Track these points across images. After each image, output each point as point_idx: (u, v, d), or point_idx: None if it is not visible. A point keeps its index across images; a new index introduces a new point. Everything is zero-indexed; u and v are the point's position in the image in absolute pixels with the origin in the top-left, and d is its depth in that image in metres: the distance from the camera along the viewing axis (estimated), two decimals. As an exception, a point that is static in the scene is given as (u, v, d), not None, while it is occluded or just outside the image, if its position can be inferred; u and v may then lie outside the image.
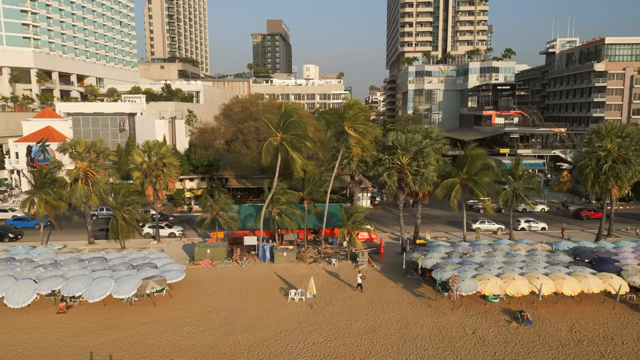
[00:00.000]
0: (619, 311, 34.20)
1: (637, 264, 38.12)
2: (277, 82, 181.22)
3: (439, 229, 59.60)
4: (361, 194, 71.02)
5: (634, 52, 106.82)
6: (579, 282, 34.46)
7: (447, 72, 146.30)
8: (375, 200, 75.37)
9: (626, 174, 45.83)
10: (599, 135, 47.88)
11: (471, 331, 31.31)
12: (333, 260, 44.37)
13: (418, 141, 44.48)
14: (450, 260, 39.46)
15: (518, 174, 49.99)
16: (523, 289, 33.94)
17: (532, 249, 42.91)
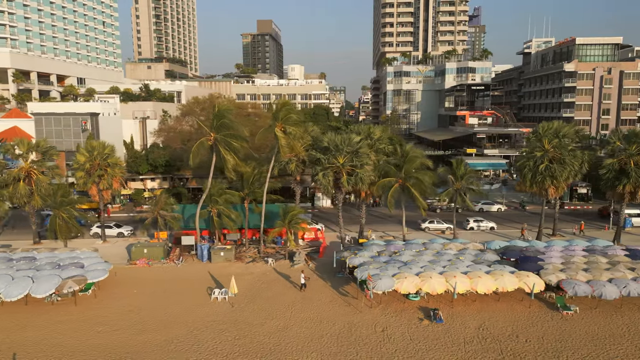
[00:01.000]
0: (534, 309, 34.65)
1: (560, 263, 38.63)
2: (259, 83, 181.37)
3: (390, 228, 59.90)
4: (321, 194, 71.39)
5: (604, 53, 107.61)
6: (495, 280, 34.92)
7: (426, 72, 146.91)
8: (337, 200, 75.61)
9: (561, 174, 46.35)
10: (536, 136, 48.39)
11: (381, 329, 31.72)
12: (270, 259, 44.73)
13: (354, 142, 44.89)
14: (378, 259, 39.85)
15: (460, 174, 50.42)
16: (438, 287, 34.37)
17: (463, 248, 43.34)
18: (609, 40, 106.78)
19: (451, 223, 58.91)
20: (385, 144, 51.21)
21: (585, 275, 35.55)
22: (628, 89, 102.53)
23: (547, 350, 28.96)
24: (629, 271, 36.18)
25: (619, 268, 36.62)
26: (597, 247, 42.83)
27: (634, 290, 33.56)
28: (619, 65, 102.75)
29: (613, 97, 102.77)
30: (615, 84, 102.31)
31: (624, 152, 47.30)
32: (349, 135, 45.84)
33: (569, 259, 39.51)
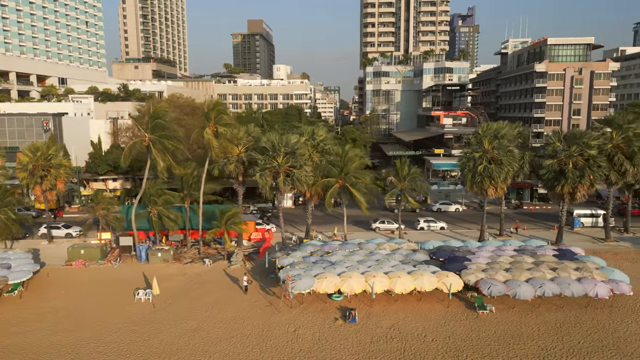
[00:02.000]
0: (453, 309, 34.89)
1: (485, 263, 38.88)
2: (241, 83, 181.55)
3: (348, 228, 59.98)
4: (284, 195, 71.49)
5: (576, 53, 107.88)
6: (414, 280, 35.16)
7: (405, 72, 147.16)
8: (299, 200, 75.89)
9: (499, 175, 46.60)
10: (476, 137, 48.62)
11: (293, 329, 31.92)
12: (207, 260, 44.88)
13: (292, 143, 45.07)
14: (308, 259, 40.03)
15: (403, 174, 50.68)
16: (357, 287, 34.59)
17: (397, 248, 43.55)
18: (580, 41, 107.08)
19: (403, 223, 59.52)
20: (331, 145, 51.36)
21: (504, 275, 35.81)
22: (599, 89, 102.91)
23: (449, 349, 29.22)
24: (550, 271, 36.46)
25: (541, 268, 36.89)
26: (528, 247, 43.13)
27: (549, 290, 33.83)
28: (589, 66, 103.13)
29: (584, 98, 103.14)
30: (586, 84, 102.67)
31: (564, 153, 47.61)
32: (287, 136, 46.00)
33: (496, 259, 39.78)
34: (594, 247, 50.50)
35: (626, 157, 49.04)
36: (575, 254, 41.44)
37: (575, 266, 37.54)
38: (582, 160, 47.43)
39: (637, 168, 49.39)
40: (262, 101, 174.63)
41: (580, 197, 48.23)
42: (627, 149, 49.04)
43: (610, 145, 49.27)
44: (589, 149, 46.75)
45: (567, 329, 31.68)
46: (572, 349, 29.09)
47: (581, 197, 48.28)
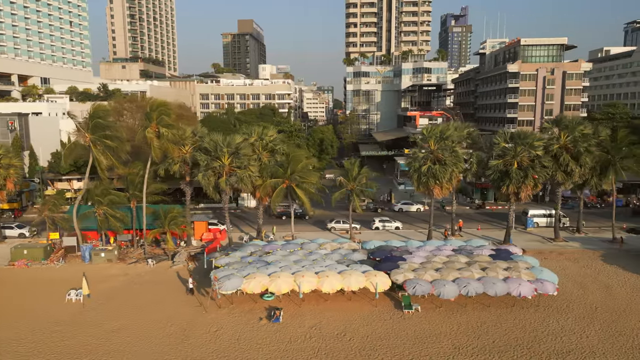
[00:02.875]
0: (380, 308, 35.12)
1: (419, 262, 39.16)
2: (224, 83, 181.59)
3: (304, 228, 60.20)
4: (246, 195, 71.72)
5: (550, 53, 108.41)
6: (343, 280, 35.39)
7: (385, 72, 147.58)
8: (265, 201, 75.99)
9: (443, 175, 46.92)
10: (423, 138, 48.92)
11: (215, 329, 32.09)
12: (150, 260, 44.98)
13: (235, 143, 45.23)
14: (246, 259, 40.20)
15: (353, 175, 50.89)
16: (284, 287, 34.78)
17: (338, 247, 43.78)
18: (553, 41, 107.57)
19: (361, 223, 59.94)
20: (281, 145, 51.55)
21: (433, 275, 36.10)
22: (571, 90, 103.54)
23: (364, 348, 29.46)
24: (479, 271, 36.76)
25: (472, 268, 37.21)
26: (468, 247, 43.44)
27: (472, 289, 34.14)
28: (562, 66, 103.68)
29: (556, 98, 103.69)
30: (558, 85, 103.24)
31: (509, 153, 47.99)
32: (231, 136, 46.14)
33: (431, 258, 40.08)
34: (541, 247, 50.95)
35: (573, 158, 49.53)
36: (512, 253, 41.77)
37: (506, 266, 37.88)
38: (527, 161, 47.89)
39: (583, 168, 49.90)
40: (245, 101, 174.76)
41: (525, 198, 48.67)
42: (574, 150, 49.52)
43: (557, 146, 49.73)
44: (533, 149, 47.19)
45: (486, 328, 31.99)
46: (485, 348, 29.38)
47: (526, 198, 48.73)
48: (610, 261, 45.46)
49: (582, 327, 32.03)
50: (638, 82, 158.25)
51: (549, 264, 44.96)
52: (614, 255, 47.42)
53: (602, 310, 34.69)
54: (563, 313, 34.23)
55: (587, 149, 49.84)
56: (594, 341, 30.12)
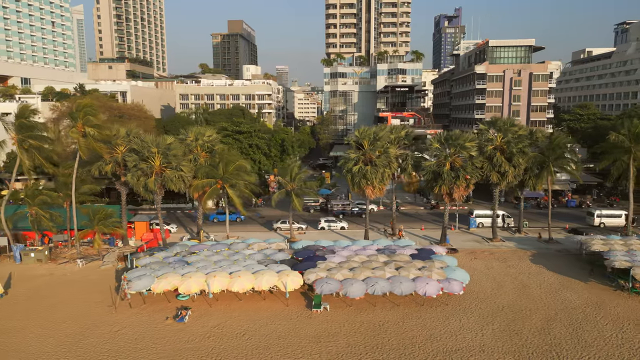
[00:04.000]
0: (292, 308, 35.35)
1: (338, 262, 39.48)
2: (205, 83, 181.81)
3: (248, 228, 60.53)
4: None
5: (518, 55, 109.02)
6: (255, 279, 35.70)
7: (361, 73, 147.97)
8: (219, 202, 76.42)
9: (375, 176, 47.29)
10: (356, 139, 49.28)
11: (117, 329, 32.31)
12: (79, 261, 45.17)
13: (166, 143, 45.50)
14: (168, 259, 40.45)
15: (293, 175, 51.21)
16: (194, 287, 35.08)
17: (266, 247, 44.08)
18: (521, 42, 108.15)
19: (308, 223, 60.39)
20: (220, 145, 51.82)
21: (345, 274, 36.44)
22: (537, 91, 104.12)
23: (258, 347, 29.74)
24: (393, 271, 37.12)
25: (386, 267, 37.57)
26: (393, 246, 43.79)
27: (379, 288, 34.48)
28: (528, 67, 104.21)
29: (523, 99, 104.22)
30: (525, 86, 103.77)
31: (442, 154, 48.42)
32: (162, 137, 46.41)
33: (351, 257, 40.43)
34: (476, 246, 51.38)
35: (506, 159, 50.00)
36: (434, 253, 42.14)
37: (421, 265, 38.27)
38: (459, 162, 48.35)
39: (517, 169, 50.39)
40: (225, 101, 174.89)
41: (458, 198, 49.10)
42: (508, 151, 50.00)
43: (491, 147, 50.20)
44: (465, 150, 47.63)
45: (387, 327, 32.31)
46: (377, 346, 29.71)
47: (459, 198, 49.15)
48: (537, 261, 45.91)
49: (482, 325, 32.41)
50: (616, 83, 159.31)
51: (476, 263, 45.54)
52: (544, 255, 47.87)
53: (508, 309, 35.07)
54: (469, 312, 34.60)
55: (522, 150, 50.43)
56: (487, 340, 30.49)
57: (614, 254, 40.66)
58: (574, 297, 37.08)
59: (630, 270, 36.95)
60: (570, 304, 35.83)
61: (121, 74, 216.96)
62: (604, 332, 31.26)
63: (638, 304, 35.60)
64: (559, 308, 35.18)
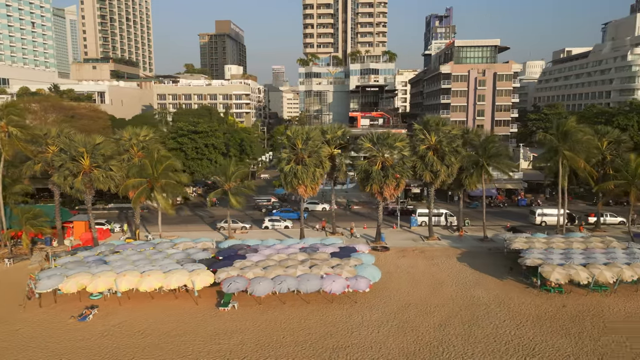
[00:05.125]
0: (201, 306, 35.54)
1: (256, 261, 39.75)
2: (183, 83, 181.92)
3: (194, 228, 60.68)
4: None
5: (484, 55, 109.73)
6: (165, 278, 35.90)
7: (336, 73, 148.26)
8: (177, 201, 76.51)
9: (306, 175, 47.58)
10: (289, 139, 49.55)
11: (17, 328, 32.42)
12: (7, 260, 45.19)
13: (95, 143, 45.62)
14: (87, 259, 40.56)
15: (229, 174, 51.43)
16: (101, 286, 35.25)
17: (192, 247, 44.29)
18: (486, 43, 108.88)
19: (253, 222, 60.68)
20: (157, 145, 51.96)
21: (256, 273, 36.73)
22: (502, 90, 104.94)
23: (148, 346, 29.90)
24: (305, 269, 37.44)
25: (299, 266, 37.90)
26: (318, 245, 44.13)
27: (286, 287, 34.80)
28: (493, 67, 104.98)
29: (487, 99, 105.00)
30: (489, 86, 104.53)
31: (373, 154, 48.80)
32: (93, 137, 46.53)
33: (271, 256, 40.73)
34: (409, 244, 51.82)
35: (439, 158, 50.45)
36: (356, 251, 42.49)
37: (336, 263, 38.64)
38: (391, 161, 48.76)
39: (451, 168, 50.84)
40: (202, 101, 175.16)
41: (389, 197, 49.50)
42: (441, 150, 50.45)
43: (423, 147, 50.63)
44: (393, 150, 48.06)
45: (289, 324, 32.58)
46: (269, 344, 29.96)
47: (390, 197, 49.55)
48: (464, 259, 46.39)
49: (382, 322, 32.76)
50: (591, 83, 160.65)
51: (402, 261, 46.01)
52: (473, 253, 48.36)
53: (414, 306, 35.48)
54: (375, 309, 34.95)
55: (455, 150, 50.90)
56: (381, 336, 30.85)
57: (530, 251, 41.18)
58: (483, 294, 37.56)
59: (539, 268, 37.43)
60: (477, 301, 36.30)
61: (105, 74, 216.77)
62: (499, 329, 31.71)
63: (544, 301, 36.09)
64: (465, 305, 35.63)
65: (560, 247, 42.92)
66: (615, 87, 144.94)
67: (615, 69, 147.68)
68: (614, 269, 36.57)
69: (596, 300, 35.88)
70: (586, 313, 33.86)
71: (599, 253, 40.58)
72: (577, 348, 29.08)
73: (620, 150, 54.07)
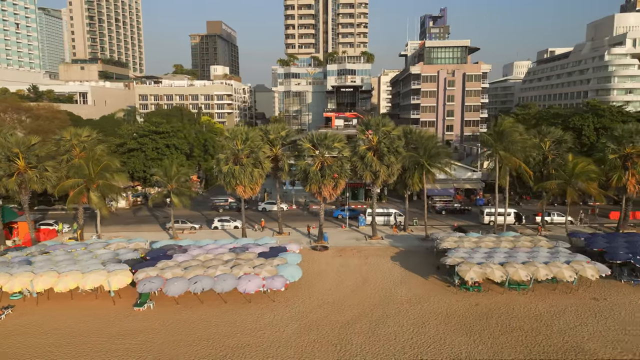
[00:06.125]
0: (118, 306, 35.81)
1: (182, 260, 39.98)
2: (166, 83, 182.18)
3: (145, 228, 60.85)
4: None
5: (454, 55, 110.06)
6: (82, 279, 36.05)
7: (315, 74, 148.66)
8: (137, 201, 76.82)
9: (244, 175, 47.84)
10: (227, 139, 49.74)
11: None
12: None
13: (31, 144, 45.80)
14: (14, 259, 40.66)
15: (171, 175, 51.62)
16: (16, 286, 35.44)
17: (124, 247, 44.47)
18: (457, 43, 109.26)
19: (200, 223, 60.88)
20: (101, 145, 52.20)
21: (174, 273, 36.89)
22: (471, 91, 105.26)
23: (53, 345, 30.08)
24: (226, 269, 37.58)
25: (220, 266, 38.06)
26: (248, 245, 44.34)
27: (200, 286, 34.90)
28: (462, 68, 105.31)
29: (457, 99, 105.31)
30: (458, 86, 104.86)
31: (310, 154, 49.05)
32: (29, 137, 46.72)
33: (196, 256, 40.96)
34: (352, 244, 52.09)
35: (379, 158, 50.72)
36: (287, 251, 42.72)
37: (259, 263, 38.89)
38: (330, 161, 49.03)
39: (391, 168, 51.11)
40: (184, 102, 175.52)
41: (329, 197, 49.75)
42: (381, 150, 50.73)
43: (363, 147, 50.89)
44: (331, 151, 48.34)
45: (200, 324, 32.74)
46: (172, 342, 30.16)
47: (329, 197, 49.79)
48: (397, 258, 46.67)
49: (292, 321, 32.99)
50: (571, 83, 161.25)
51: (336, 260, 46.33)
52: (409, 252, 48.62)
53: (330, 305, 35.71)
54: (290, 308, 35.19)
55: (396, 150, 51.17)
56: (285, 335, 31.08)
57: (456, 251, 41.48)
58: (403, 293, 37.83)
59: (456, 267, 37.73)
60: (394, 300, 36.55)
61: (93, 75, 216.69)
62: (403, 327, 31.95)
63: (460, 299, 36.38)
64: (380, 303, 35.89)
65: (488, 247, 43.22)
66: (592, 87, 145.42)
67: (593, 69, 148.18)
68: (530, 267, 36.87)
69: (510, 299, 36.20)
70: (496, 311, 34.18)
71: (522, 252, 40.88)
72: (473, 346, 29.39)
73: (561, 150, 54.39)
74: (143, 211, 72.16)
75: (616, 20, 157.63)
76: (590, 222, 60.00)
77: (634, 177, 49.97)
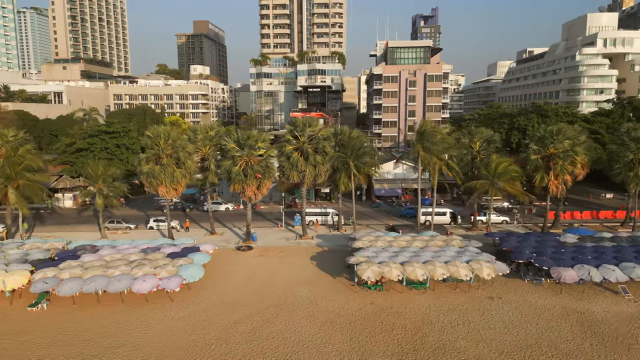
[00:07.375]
0: (14, 306, 35.85)
1: (88, 260, 39.99)
2: (142, 83, 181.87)
3: (79, 229, 60.70)
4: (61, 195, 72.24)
5: (417, 55, 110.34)
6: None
7: (287, 74, 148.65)
8: (86, 201, 76.58)
9: (164, 175, 47.88)
10: (151, 138, 49.69)
11: None
12: None
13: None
14: None
15: (97, 174, 51.53)
16: None
17: (38, 247, 44.40)
18: (419, 44, 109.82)
19: (136, 223, 60.90)
20: (27, 145, 52.11)
21: (72, 273, 36.85)
22: (432, 91, 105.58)
23: None
24: (127, 269, 37.63)
25: (122, 266, 38.13)
26: (162, 245, 44.44)
27: (93, 287, 34.98)
28: (423, 68, 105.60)
29: (418, 99, 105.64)
30: (420, 86, 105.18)
31: (234, 154, 49.15)
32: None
33: (104, 257, 40.99)
34: (279, 243, 52.22)
35: (304, 158, 50.86)
36: (199, 251, 42.77)
37: (163, 263, 38.95)
38: (255, 161, 49.13)
39: (318, 168, 51.25)
40: (158, 101, 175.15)
41: (253, 197, 49.85)
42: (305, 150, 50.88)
43: (290, 147, 51.01)
44: (254, 151, 48.45)
45: (82, 324, 32.73)
46: (47, 343, 30.19)
47: (253, 196, 49.87)
48: (316, 258, 46.79)
49: (180, 321, 33.05)
50: (544, 83, 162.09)
51: (255, 260, 46.58)
52: (329, 252, 48.81)
53: (225, 305, 35.78)
54: (185, 307, 35.25)
55: (323, 150, 51.33)
56: (167, 335, 31.09)
57: (364, 250, 41.65)
58: (304, 292, 37.97)
59: (355, 266, 37.90)
60: (292, 299, 36.70)
61: (75, 75, 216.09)
62: (288, 326, 32.13)
63: (357, 298, 36.55)
64: (277, 303, 36.02)
65: (400, 246, 43.42)
66: (563, 87, 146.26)
67: (565, 69, 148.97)
68: (428, 266, 37.09)
69: (407, 298, 36.42)
70: (387, 310, 34.38)
71: (429, 251, 41.11)
72: (348, 344, 29.57)
73: (489, 150, 54.74)
74: (89, 211, 71.95)
75: (589, 20, 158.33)
76: (525, 222, 60.34)
77: (558, 177, 50.43)
